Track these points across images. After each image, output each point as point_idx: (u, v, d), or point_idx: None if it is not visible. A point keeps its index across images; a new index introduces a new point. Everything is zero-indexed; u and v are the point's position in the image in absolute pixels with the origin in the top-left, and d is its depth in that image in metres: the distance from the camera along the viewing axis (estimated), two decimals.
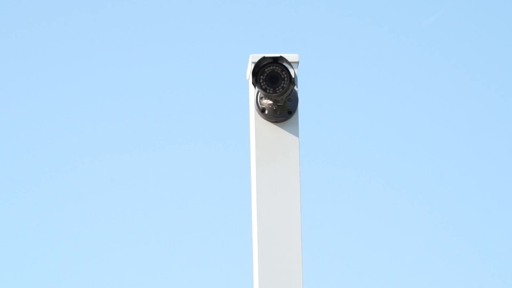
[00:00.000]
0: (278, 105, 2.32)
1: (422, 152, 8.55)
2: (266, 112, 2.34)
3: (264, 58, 2.26)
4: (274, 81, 2.27)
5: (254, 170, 2.33)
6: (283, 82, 2.26)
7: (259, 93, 2.32)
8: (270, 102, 2.31)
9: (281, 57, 2.27)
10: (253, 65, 2.28)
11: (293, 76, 2.27)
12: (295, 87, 2.32)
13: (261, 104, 2.34)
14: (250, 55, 2.31)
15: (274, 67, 2.27)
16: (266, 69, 2.27)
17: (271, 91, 2.26)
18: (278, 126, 2.34)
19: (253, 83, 2.27)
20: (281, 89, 2.26)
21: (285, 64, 2.27)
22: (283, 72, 2.27)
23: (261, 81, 2.27)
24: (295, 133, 2.33)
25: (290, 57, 2.30)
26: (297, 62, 2.32)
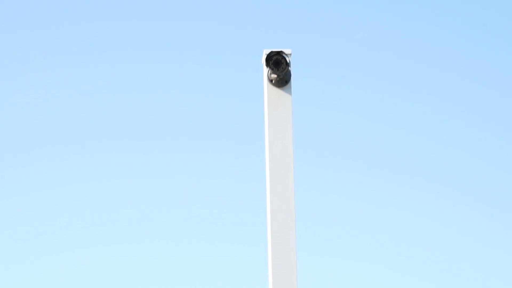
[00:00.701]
0: (280, 78, 3.98)
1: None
2: (273, 81, 3.99)
3: (272, 52, 3.92)
4: (278, 64, 3.93)
5: (266, 115, 4.00)
6: (282, 65, 3.93)
7: (269, 71, 3.98)
8: (275, 76, 3.96)
9: (281, 51, 3.93)
10: (265, 55, 3.94)
11: (288, 61, 3.94)
12: (289, 68, 3.98)
13: (270, 77, 3.99)
14: (264, 50, 3.97)
15: (277, 56, 3.93)
16: (273, 58, 3.92)
17: (276, 70, 3.93)
18: (280, 89, 4.00)
19: (266, 65, 3.94)
20: (281, 69, 3.93)
21: (283, 55, 3.93)
22: (283, 59, 3.92)
23: (270, 64, 3.93)
24: (289, 93, 3.99)
25: (286, 51, 3.95)
26: (290, 54, 3.97)
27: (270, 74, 3.98)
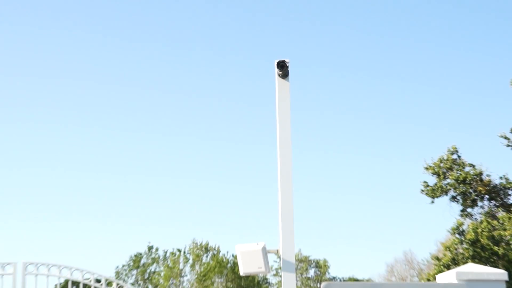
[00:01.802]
0: (283, 74, 7.65)
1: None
2: (280, 75, 7.68)
3: (280, 60, 7.61)
4: (282, 66, 7.61)
5: (277, 92, 7.70)
6: (285, 67, 7.60)
7: (278, 70, 7.63)
8: (281, 72, 7.64)
9: (284, 60, 7.61)
10: (276, 62, 7.61)
11: (287, 65, 7.62)
12: (288, 69, 7.64)
13: (278, 73, 7.67)
14: (275, 60, 7.63)
15: (282, 62, 7.61)
16: (280, 63, 7.61)
17: (281, 70, 7.61)
18: (283, 79, 7.71)
19: (276, 67, 7.62)
20: (284, 69, 7.60)
21: (285, 62, 7.61)
22: (285, 64, 7.61)
23: (279, 66, 7.61)
24: (288, 81, 7.72)
25: (286, 60, 7.64)
26: (289, 61, 7.65)
27: (278, 71, 7.64)
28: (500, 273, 8.46)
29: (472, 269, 8.56)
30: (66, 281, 11.63)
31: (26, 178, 65.25)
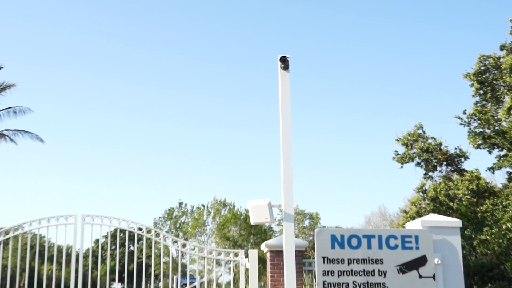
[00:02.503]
0: (285, 66, 7.56)
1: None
2: (282, 67, 7.58)
3: (282, 56, 7.50)
4: (284, 60, 7.51)
5: (280, 81, 7.61)
6: (286, 61, 7.51)
7: (280, 63, 7.54)
8: (283, 65, 7.55)
9: (286, 56, 7.51)
10: (279, 57, 7.51)
11: (288, 60, 7.52)
12: (288, 62, 7.55)
13: (281, 66, 7.58)
14: (278, 55, 7.54)
15: (284, 57, 7.51)
16: (282, 58, 7.51)
17: (283, 63, 7.52)
18: (285, 71, 7.61)
19: (279, 61, 7.52)
20: (286, 62, 7.51)
21: (286, 57, 7.51)
22: (286, 59, 7.51)
23: (282, 60, 7.51)
24: (288, 72, 7.62)
25: (287, 55, 7.54)
26: (289, 57, 7.55)
27: (281, 65, 7.53)
28: (456, 221, 8.44)
29: (434, 218, 8.55)
30: (115, 229, 11.71)
31: (92, 153, 67.82)
